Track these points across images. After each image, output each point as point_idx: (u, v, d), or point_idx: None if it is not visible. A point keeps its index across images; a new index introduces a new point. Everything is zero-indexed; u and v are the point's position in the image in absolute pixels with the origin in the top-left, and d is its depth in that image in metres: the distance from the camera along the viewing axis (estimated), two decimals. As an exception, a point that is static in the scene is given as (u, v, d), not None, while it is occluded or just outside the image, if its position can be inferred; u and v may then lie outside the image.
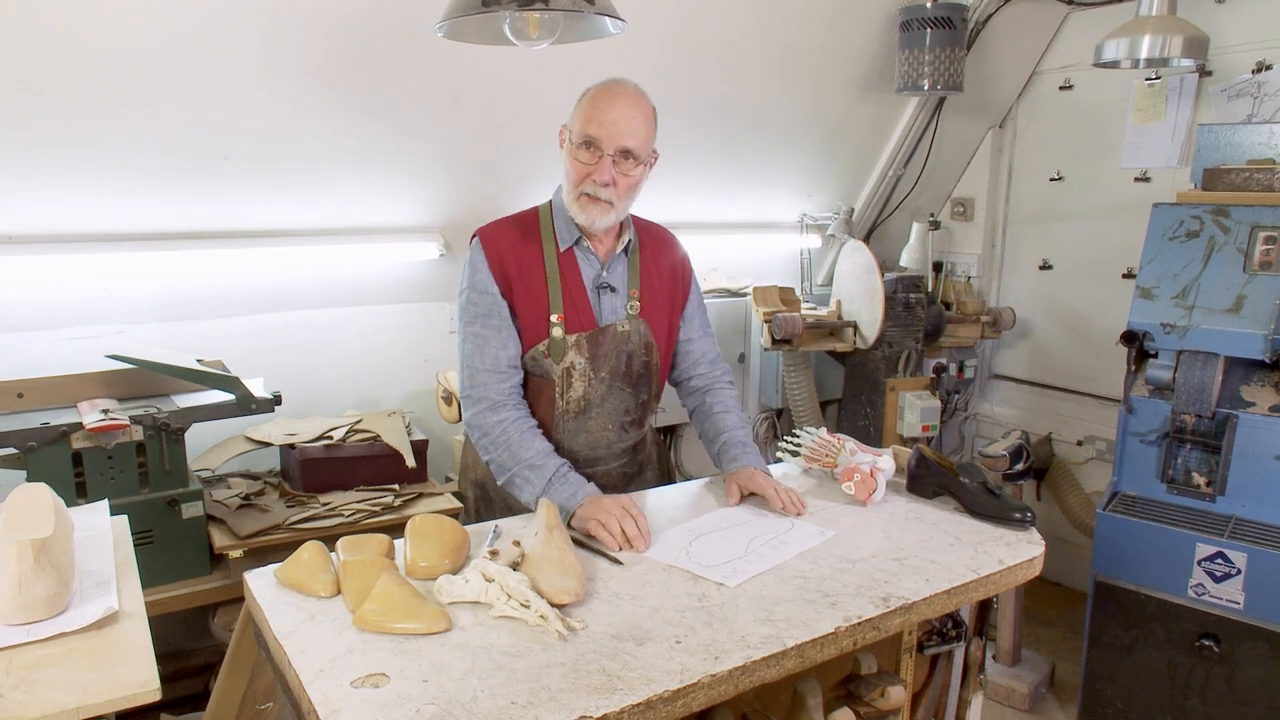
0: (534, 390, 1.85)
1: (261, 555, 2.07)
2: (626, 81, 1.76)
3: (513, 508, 1.91)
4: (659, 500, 1.86)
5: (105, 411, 2.03)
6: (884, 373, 3.32)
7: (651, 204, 1.93)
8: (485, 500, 2.00)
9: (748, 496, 1.84)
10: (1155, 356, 2.53)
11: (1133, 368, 2.59)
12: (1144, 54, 2.60)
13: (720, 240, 3.51)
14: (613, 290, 1.85)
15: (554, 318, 1.79)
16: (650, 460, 2.06)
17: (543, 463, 1.73)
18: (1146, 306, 2.50)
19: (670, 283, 1.93)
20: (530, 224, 1.84)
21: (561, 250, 1.81)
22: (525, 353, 1.81)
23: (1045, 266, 3.71)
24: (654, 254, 1.92)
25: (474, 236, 1.83)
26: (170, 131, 2.22)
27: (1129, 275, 3.38)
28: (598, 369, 1.82)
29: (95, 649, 1.17)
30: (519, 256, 1.79)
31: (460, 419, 2.73)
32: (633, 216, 1.92)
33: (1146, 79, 3.19)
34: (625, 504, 1.65)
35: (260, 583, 1.42)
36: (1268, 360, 2.34)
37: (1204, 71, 3.07)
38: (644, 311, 1.87)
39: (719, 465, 1.95)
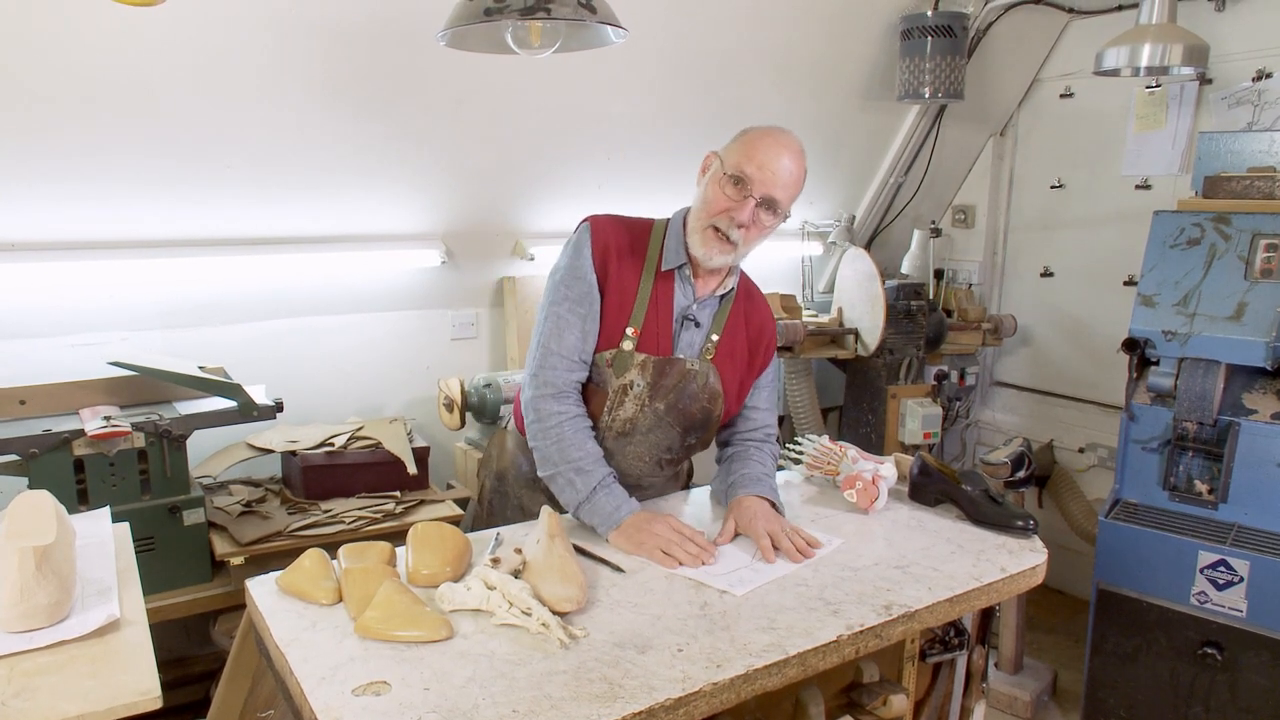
0: (584, 397, 1.78)
1: (263, 562, 2.06)
2: (794, 135, 1.73)
3: (525, 508, 1.88)
4: (668, 508, 1.85)
5: (107, 418, 2.03)
6: (885, 380, 3.32)
7: (655, 210, 1.93)
8: (501, 494, 1.94)
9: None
10: (1157, 364, 2.53)
11: (1134, 375, 2.59)
12: (1144, 62, 2.60)
13: (721, 247, 3.51)
14: (696, 325, 1.80)
15: (629, 330, 1.74)
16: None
17: (591, 468, 1.69)
18: (1148, 314, 2.50)
19: (752, 346, 1.87)
20: (642, 233, 1.80)
21: (663, 270, 1.77)
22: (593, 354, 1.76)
23: (1046, 274, 3.71)
24: (747, 312, 1.88)
25: (584, 221, 1.79)
26: (173, 139, 2.23)
27: (1130, 283, 3.38)
28: (654, 397, 1.76)
29: (97, 656, 1.17)
30: (621, 258, 1.75)
31: (461, 426, 2.74)
32: (742, 271, 1.89)
33: (1147, 87, 3.19)
34: (676, 526, 1.62)
35: (261, 590, 1.42)
36: (1269, 368, 2.34)
37: (1204, 79, 3.07)
38: (717, 358, 1.81)
39: (726, 500, 1.81)
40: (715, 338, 1.81)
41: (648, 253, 1.78)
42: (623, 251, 1.76)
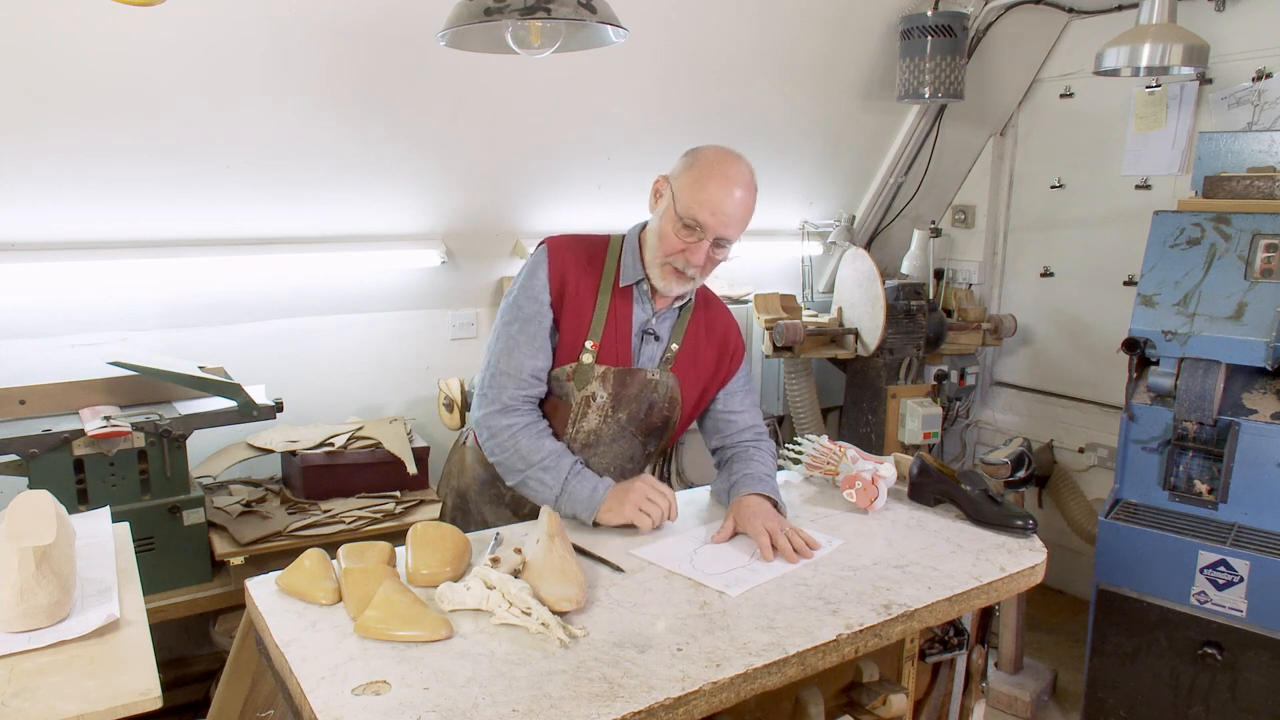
0: (548, 411, 1.81)
1: (263, 562, 2.07)
2: (742, 163, 1.70)
3: (487, 523, 1.89)
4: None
5: (107, 418, 2.03)
6: (885, 380, 3.32)
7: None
8: (463, 510, 1.95)
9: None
10: (1157, 364, 2.53)
11: (1134, 375, 2.59)
12: (1144, 62, 2.60)
13: (721, 247, 3.51)
14: (656, 339, 1.82)
15: (588, 344, 1.76)
16: None
17: (555, 464, 1.71)
18: (1148, 314, 2.50)
19: (715, 354, 1.88)
20: (599, 250, 1.81)
21: (620, 285, 1.79)
22: (553, 370, 1.78)
23: (1046, 274, 3.71)
24: (707, 322, 1.89)
25: (542, 243, 1.80)
26: (174, 139, 2.23)
27: (1130, 282, 3.38)
28: (616, 408, 1.79)
29: (96, 656, 1.17)
30: (579, 275, 1.77)
31: (461, 426, 2.74)
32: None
33: (1147, 87, 3.19)
34: (650, 483, 1.69)
35: (261, 590, 1.42)
36: (1269, 368, 2.34)
37: (1204, 79, 3.08)
38: (677, 367, 1.83)
39: (727, 500, 1.80)
40: (675, 347, 1.83)
41: (604, 268, 1.79)
42: (581, 269, 1.77)
